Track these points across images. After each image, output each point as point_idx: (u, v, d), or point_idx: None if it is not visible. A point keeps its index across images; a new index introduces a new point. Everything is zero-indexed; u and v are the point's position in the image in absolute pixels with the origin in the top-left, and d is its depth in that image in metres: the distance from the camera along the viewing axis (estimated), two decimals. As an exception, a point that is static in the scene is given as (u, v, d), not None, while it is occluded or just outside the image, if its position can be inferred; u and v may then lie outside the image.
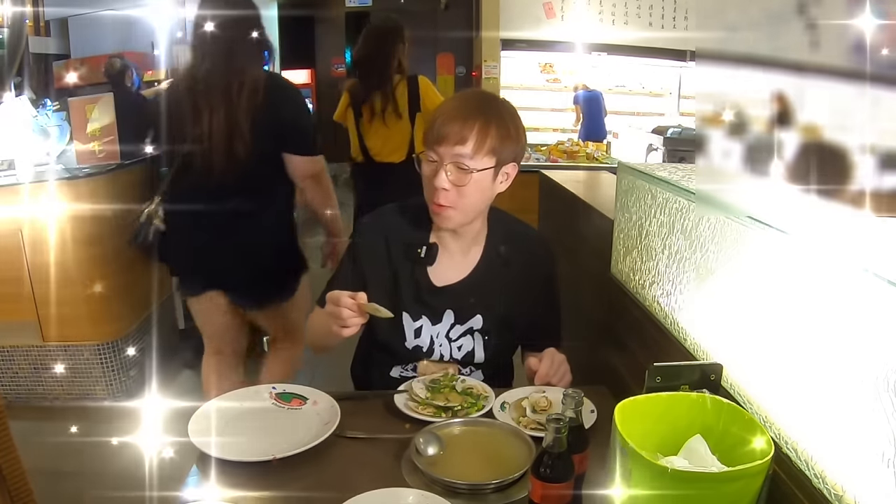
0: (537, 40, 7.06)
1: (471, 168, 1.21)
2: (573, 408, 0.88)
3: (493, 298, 1.33)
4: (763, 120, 0.88)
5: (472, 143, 1.20)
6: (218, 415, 1.15)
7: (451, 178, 1.21)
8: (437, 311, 1.33)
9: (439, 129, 1.21)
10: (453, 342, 1.35)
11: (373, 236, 1.36)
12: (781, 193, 0.83)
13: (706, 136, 0.96)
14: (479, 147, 1.21)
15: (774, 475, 0.77)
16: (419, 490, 0.94)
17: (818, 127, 0.81)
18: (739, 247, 0.95)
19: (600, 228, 1.66)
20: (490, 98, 1.29)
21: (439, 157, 1.21)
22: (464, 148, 1.20)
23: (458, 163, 1.20)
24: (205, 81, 1.80)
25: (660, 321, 1.24)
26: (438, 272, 1.34)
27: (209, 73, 1.80)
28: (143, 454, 2.48)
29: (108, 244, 2.80)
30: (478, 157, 1.21)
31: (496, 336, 1.35)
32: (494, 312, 1.34)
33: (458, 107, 1.24)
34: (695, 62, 6.29)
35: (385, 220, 1.38)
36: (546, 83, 7.51)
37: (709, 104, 1.00)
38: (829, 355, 0.73)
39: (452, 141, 1.20)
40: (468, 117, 1.21)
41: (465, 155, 1.20)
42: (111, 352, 2.82)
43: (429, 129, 1.24)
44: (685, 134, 4.44)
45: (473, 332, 1.34)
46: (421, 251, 1.31)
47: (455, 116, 1.21)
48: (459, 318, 1.33)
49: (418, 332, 1.34)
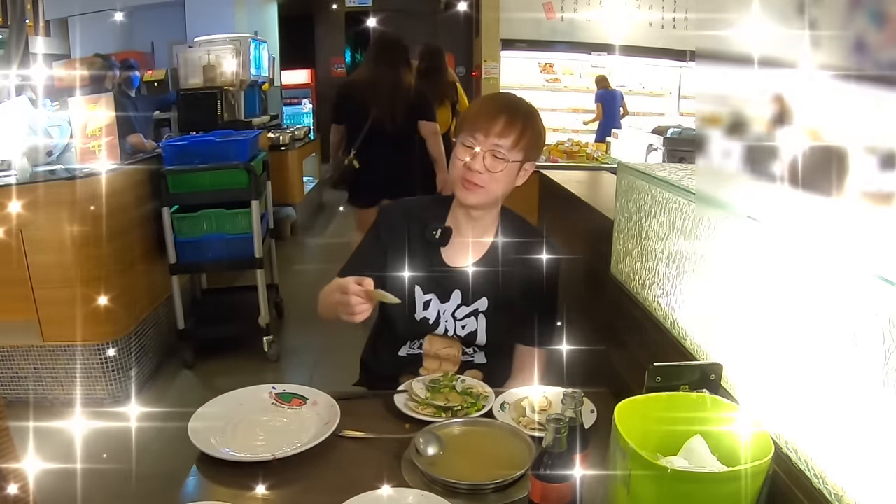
0: (537, 40, 7.06)
1: (508, 158, 1.33)
2: (573, 408, 0.88)
3: (499, 285, 1.41)
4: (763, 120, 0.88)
5: (513, 137, 1.33)
6: (218, 415, 1.15)
7: (487, 164, 1.33)
8: (447, 289, 1.42)
9: (485, 120, 1.34)
10: (458, 321, 1.42)
11: (395, 217, 1.48)
12: (781, 193, 0.83)
13: (706, 136, 0.96)
14: (517, 142, 1.34)
15: (774, 475, 0.77)
16: (419, 490, 0.94)
17: (818, 127, 0.81)
18: (739, 247, 0.95)
19: (600, 228, 1.66)
20: (526, 103, 1.42)
21: (479, 143, 1.33)
22: (505, 140, 1.33)
23: (495, 151, 1.33)
24: (380, 83, 3.25)
25: (660, 321, 1.24)
26: (451, 254, 1.43)
27: (383, 77, 3.26)
28: (143, 454, 2.48)
29: (108, 244, 2.80)
30: (514, 151, 1.34)
31: (498, 320, 1.42)
32: (499, 298, 1.41)
33: (503, 105, 1.37)
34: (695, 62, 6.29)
35: (407, 206, 1.51)
36: (546, 83, 7.51)
37: (709, 104, 1.00)
38: (830, 355, 0.73)
39: (496, 132, 1.33)
40: (512, 115, 1.35)
41: (504, 146, 1.33)
42: (111, 352, 2.82)
43: (472, 120, 1.37)
44: (685, 134, 4.43)
45: (478, 313, 1.42)
46: (436, 232, 1.42)
47: (499, 112, 1.35)
48: (466, 299, 1.41)
49: (427, 304, 1.42)
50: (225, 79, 4.68)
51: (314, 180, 7.26)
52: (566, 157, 4.69)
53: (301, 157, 6.30)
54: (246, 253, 3.22)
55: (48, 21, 5.92)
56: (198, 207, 3.16)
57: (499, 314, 1.42)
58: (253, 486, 0.98)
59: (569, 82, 7.42)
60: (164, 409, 2.86)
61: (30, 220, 2.65)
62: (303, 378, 3.30)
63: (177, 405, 2.88)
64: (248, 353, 3.33)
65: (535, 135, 1.38)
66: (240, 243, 3.21)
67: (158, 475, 2.30)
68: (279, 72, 7.35)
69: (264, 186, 3.70)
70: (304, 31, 8.84)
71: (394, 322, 1.45)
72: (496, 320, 1.42)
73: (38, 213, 2.65)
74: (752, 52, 0.81)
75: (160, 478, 2.28)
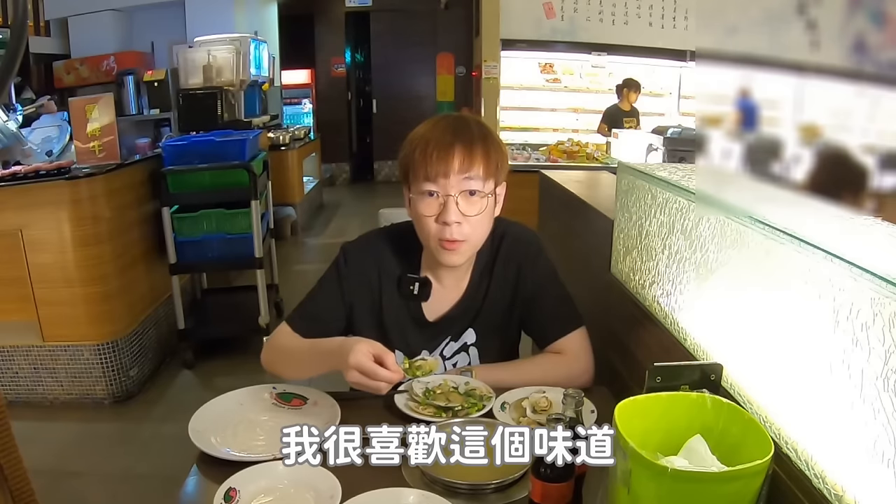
0: (537, 40, 7.06)
1: (483, 191, 1.14)
2: (573, 408, 0.88)
3: (484, 312, 1.31)
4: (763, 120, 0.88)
5: (481, 165, 1.13)
6: (218, 415, 1.15)
7: (462, 209, 1.13)
8: (433, 342, 1.32)
9: (438, 160, 1.11)
10: (448, 359, 1.34)
11: (361, 264, 1.28)
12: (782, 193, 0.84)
13: (706, 136, 0.96)
14: (487, 169, 1.14)
15: (774, 475, 0.77)
16: (419, 490, 0.94)
17: (818, 127, 0.81)
18: (739, 247, 0.95)
19: (600, 228, 1.66)
20: (473, 118, 1.22)
21: (443, 188, 1.13)
22: (474, 171, 1.12)
23: (468, 190, 1.13)
24: None
25: (660, 321, 1.24)
26: (432, 306, 1.30)
27: None
28: (142, 454, 2.48)
29: (108, 244, 2.80)
30: (487, 181, 1.15)
31: (489, 346, 1.34)
32: (486, 325, 1.32)
33: (452, 130, 1.14)
34: (695, 62, 6.29)
35: (373, 249, 1.30)
36: (546, 83, 7.51)
37: (709, 104, 1.00)
38: (829, 355, 0.73)
39: (459, 169, 1.11)
40: (468, 139, 1.13)
41: (475, 179, 1.13)
42: (111, 352, 2.82)
43: (420, 164, 1.13)
44: (685, 134, 4.42)
45: (468, 346, 1.34)
46: (414, 288, 1.25)
47: (452, 139, 1.12)
48: (454, 337, 1.33)
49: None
50: (225, 79, 4.68)
51: (314, 180, 7.27)
52: (566, 157, 4.69)
53: (301, 157, 6.30)
54: (246, 253, 3.22)
55: (48, 21, 5.91)
56: (198, 207, 3.16)
57: (490, 339, 1.33)
58: (253, 486, 0.98)
59: (569, 82, 7.41)
60: (164, 409, 2.86)
61: (30, 219, 2.65)
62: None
63: (177, 405, 2.88)
64: (248, 353, 3.33)
65: (500, 152, 1.17)
66: (240, 243, 3.21)
67: (158, 475, 2.30)
68: (279, 72, 7.34)
69: (264, 186, 3.70)
70: (304, 31, 8.84)
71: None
72: (488, 345, 1.33)
73: (38, 213, 2.66)
74: (752, 53, 0.81)
75: (160, 478, 2.28)
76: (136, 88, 5.01)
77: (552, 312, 1.32)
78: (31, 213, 2.65)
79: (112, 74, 5.36)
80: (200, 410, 1.14)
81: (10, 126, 3.02)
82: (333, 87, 9.14)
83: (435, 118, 1.21)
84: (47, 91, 5.22)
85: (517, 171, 4.20)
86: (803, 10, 0.73)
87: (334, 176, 9.32)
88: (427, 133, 1.16)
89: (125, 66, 5.40)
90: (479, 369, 1.29)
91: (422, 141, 1.15)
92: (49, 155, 3.14)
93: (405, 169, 1.18)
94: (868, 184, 0.73)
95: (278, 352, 1.28)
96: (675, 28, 6.93)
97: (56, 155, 3.14)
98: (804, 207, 0.80)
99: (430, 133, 1.15)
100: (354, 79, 9.63)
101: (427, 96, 9.06)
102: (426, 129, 1.18)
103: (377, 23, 8.87)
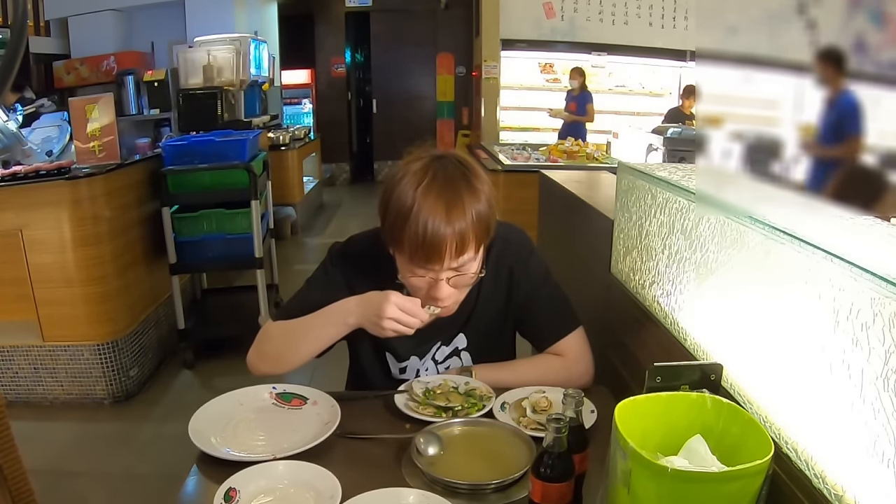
0: (537, 40, 7.06)
1: (473, 268, 1.14)
2: (573, 408, 0.88)
3: (475, 316, 1.31)
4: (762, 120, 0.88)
5: (472, 245, 1.09)
6: (218, 415, 1.15)
7: (454, 283, 1.13)
8: (423, 346, 1.31)
9: (429, 249, 1.05)
10: (440, 364, 1.34)
11: (349, 266, 1.28)
12: (782, 193, 0.84)
13: (706, 136, 0.96)
14: (478, 243, 1.11)
15: (774, 475, 0.77)
16: (419, 490, 0.94)
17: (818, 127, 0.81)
18: (739, 247, 0.95)
19: (600, 228, 1.65)
20: (464, 182, 1.08)
21: (435, 273, 1.11)
22: (465, 256, 1.09)
23: (457, 272, 1.12)
24: None
25: (660, 321, 1.24)
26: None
27: None
28: (143, 454, 2.48)
29: (108, 244, 2.80)
30: (477, 256, 1.13)
31: (481, 350, 1.33)
32: (478, 329, 1.31)
33: (443, 211, 1.05)
34: (695, 62, 6.29)
35: (362, 250, 1.29)
36: (546, 83, 7.51)
37: (709, 104, 1.00)
38: (829, 355, 0.73)
39: (451, 256, 1.08)
40: (461, 227, 1.06)
41: (469, 260, 1.11)
42: (111, 352, 2.82)
43: (408, 246, 1.07)
44: (685, 134, 4.43)
45: (459, 351, 1.33)
46: (402, 292, 1.20)
47: (444, 233, 1.05)
48: (444, 341, 1.32)
49: (403, 369, 1.34)
50: (225, 79, 4.68)
51: (314, 180, 7.26)
52: (566, 157, 4.69)
53: (301, 157, 6.30)
54: (246, 253, 3.22)
55: (48, 21, 5.91)
56: (198, 207, 3.16)
57: (482, 343, 1.32)
58: (253, 486, 0.98)
59: (569, 82, 7.41)
60: (164, 409, 2.86)
61: (30, 219, 2.65)
62: (303, 378, 3.29)
63: (177, 405, 2.88)
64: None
65: (486, 212, 1.10)
66: (240, 243, 3.21)
67: (158, 475, 2.30)
68: (279, 72, 7.35)
69: (264, 186, 3.70)
70: (304, 31, 8.83)
71: (368, 378, 1.35)
72: (480, 349, 1.33)
73: (38, 213, 2.66)
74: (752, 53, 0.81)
75: (160, 478, 2.28)
76: (136, 88, 5.01)
77: (548, 315, 1.32)
78: (31, 213, 2.65)
79: (112, 74, 5.36)
80: (200, 410, 1.14)
81: (10, 126, 3.02)
82: (333, 87, 9.14)
83: (421, 173, 1.08)
84: (47, 91, 5.22)
85: (517, 171, 4.22)
86: (803, 10, 0.73)
87: (334, 176, 9.32)
88: (416, 205, 1.06)
89: (125, 66, 5.41)
90: (479, 370, 1.29)
91: (412, 219, 1.05)
92: (49, 155, 3.14)
93: (389, 232, 1.11)
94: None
95: (269, 342, 1.27)
96: (675, 28, 6.94)
97: (56, 155, 3.14)
98: (804, 207, 0.80)
99: (419, 207, 1.05)
100: (354, 79, 9.63)
101: (427, 96, 9.06)
102: (414, 194, 1.06)
103: (377, 23, 8.87)
